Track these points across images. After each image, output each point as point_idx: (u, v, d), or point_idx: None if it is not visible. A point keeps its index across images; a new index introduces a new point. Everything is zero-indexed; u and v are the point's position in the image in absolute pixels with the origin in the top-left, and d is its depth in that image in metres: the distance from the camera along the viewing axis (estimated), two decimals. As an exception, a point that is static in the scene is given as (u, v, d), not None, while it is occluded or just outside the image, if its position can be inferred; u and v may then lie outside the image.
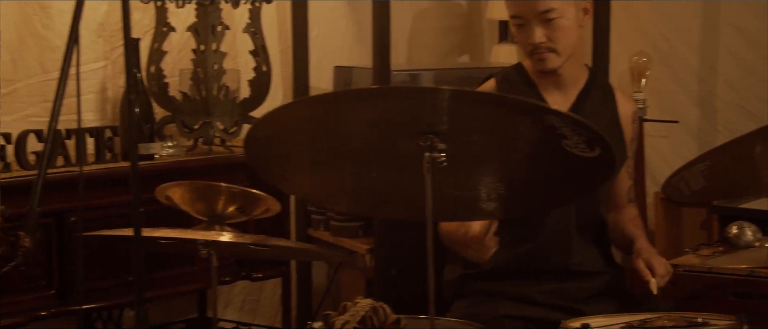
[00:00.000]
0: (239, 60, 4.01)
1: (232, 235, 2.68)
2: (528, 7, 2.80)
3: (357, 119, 2.34)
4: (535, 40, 2.82)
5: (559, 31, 2.82)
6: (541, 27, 2.81)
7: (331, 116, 2.35)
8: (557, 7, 2.80)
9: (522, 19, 2.83)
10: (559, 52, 2.84)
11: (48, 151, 2.05)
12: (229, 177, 3.49)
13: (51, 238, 3.22)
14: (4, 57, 3.48)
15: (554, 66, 2.87)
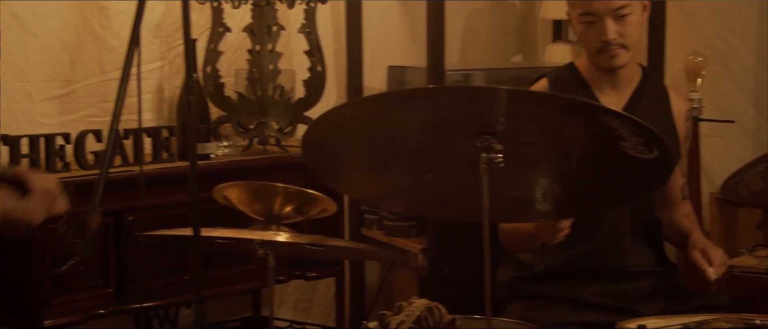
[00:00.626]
0: (294, 60, 4.03)
1: (289, 235, 2.70)
2: (603, 3, 2.80)
3: (413, 119, 2.34)
4: (609, 36, 2.81)
5: (630, 27, 2.83)
6: (614, 23, 2.81)
7: (387, 116, 2.35)
8: (630, 3, 2.81)
9: (594, 16, 2.82)
10: (628, 48, 2.85)
11: (109, 151, 2.07)
12: (283, 177, 3.51)
13: (109, 237, 3.24)
14: (63, 57, 3.52)
15: (624, 62, 2.87)
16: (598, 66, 2.91)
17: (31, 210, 1.99)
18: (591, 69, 2.95)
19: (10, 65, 3.40)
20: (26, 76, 3.44)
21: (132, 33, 2.08)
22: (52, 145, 3.22)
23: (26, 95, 3.44)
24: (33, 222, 2.01)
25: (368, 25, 4.23)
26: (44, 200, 2.00)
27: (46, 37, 3.47)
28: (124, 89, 2.03)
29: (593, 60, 2.91)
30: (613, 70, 2.89)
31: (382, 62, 4.32)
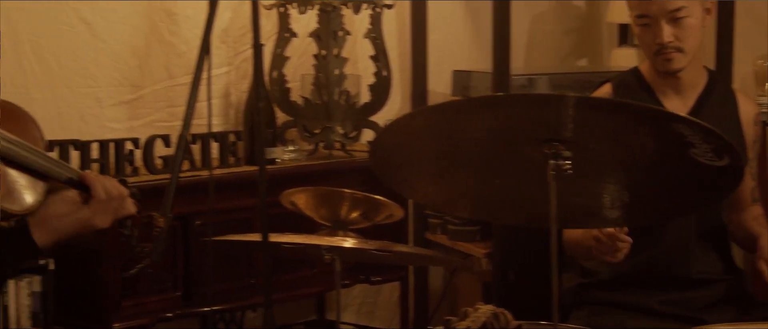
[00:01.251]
0: (359, 65, 4.04)
1: (356, 241, 2.70)
2: (658, 5, 2.77)
3: (480, 126, 2.34)
4: (664, 39, 2.78)
5: (687, 30, 2.79)
6: (669, 26, 2.78)
7: (454, 124, 2.35)
8: (687, 6, 2.77)
9: (649, 19, 2.80)
10: (685, 52, 2.81)
11: (180, 157, 2.09)
12: (348, 182, 3.53)
13: (177, 241, 3.28)
14: (131, 63, 3.56)
15: (680, 66, 2.84)
16: (657, 70, 2.89)
17: (96, 213, 2.01)
18: (654, 73, 2.92)
19: (81, 70, 3.45)
20: (96, 81, 3.49)
21: (203, 41, 2.10)
22: (121, 150, 3.27)
23: (96, 100, 3.50)
24: (98, 226, 2.03)
25: (433, 29, 4.23)
26: (109, 203, 2.02)
27: (115, 43, 3.52)
28: (195, 96, 2.05)
29: (652, 63, 2.89)
30: (670, 73, 2.86)
31: (447, 66, 4.32)
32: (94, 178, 2.00)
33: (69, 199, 2.01)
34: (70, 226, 2.00)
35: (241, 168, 3.49)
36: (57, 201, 2.01)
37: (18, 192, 1.91)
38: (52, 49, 3.39)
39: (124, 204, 2.05)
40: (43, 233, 1.98)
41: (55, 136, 3.22)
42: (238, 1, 3.73)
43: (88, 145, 3.20)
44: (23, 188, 1.92)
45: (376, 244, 2.77)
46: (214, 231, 3.05)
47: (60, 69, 3.41)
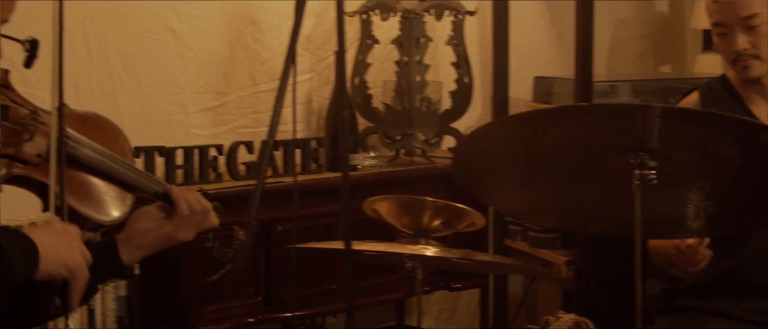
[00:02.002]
0: (441, 71, 4.05)
1: (438, 250, 2.71)
2: (731, 13, 2.75)
3: (563, 135, 2.33)
4: (739, 47, 2.76)
5: (762, 37, 2.76)
6: (744, 34, 2.75)
7: (538, 133, 2.35)
8: (761, 13, 2.74)
9: (724, 27, 2.77)
10: (762, 59, 2.78)
11: (265, 164, 2.11)
12: (429, 188, 3.53)
13: (258, 247, 3.31)
14: (216, 70, 3.60)
15: (759, 73, 2.80)
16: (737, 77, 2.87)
17: (179, 228, 2.04)
18: (740, 81, 2.89)
19: (167, 78, 3.50)
20: (182, 88, 3.54)
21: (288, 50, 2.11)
22: (205, 157, 3.30)
23: (181, 107, 3.54)
24: (181, 239, 2.06)
25: (515, 35, 4.21)
26: (192, 218, 2.04)
27: (201, 51, 3.57)
28: (280, 105, 2.06)
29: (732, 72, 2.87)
30: (750, 81, 2.83)
31: (529, 72, 4.30)
32: (178, 194, 2.03)
33: (154, 213, 2.04)
34: (154, 242, 2.03)
35: (323, 175, 3.51)
36: (142, 214, 2.04)
37: (106, 204, 1.94)
38: (140, 57, 3.44)
39: (207, 217, 2.07)
40: (129, 252, 2.01)
41: (141, 142, 3.27)
42: (321, 8, 3.76)
43: (173, 151, 3.25)
44: (112, 199, 1.95)
45: (458, 253, 2.77)
46: (295, 238, 3.08)
47: (147, 76, 3.46)
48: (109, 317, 3.16)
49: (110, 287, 3.12)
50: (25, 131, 1.80)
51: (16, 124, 1.80)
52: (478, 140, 2.46)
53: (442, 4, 3.75)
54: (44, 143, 1.84)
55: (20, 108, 1.84)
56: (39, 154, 1.82)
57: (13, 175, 1.79)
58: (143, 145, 3.21)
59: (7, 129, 1.79)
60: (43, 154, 1.83)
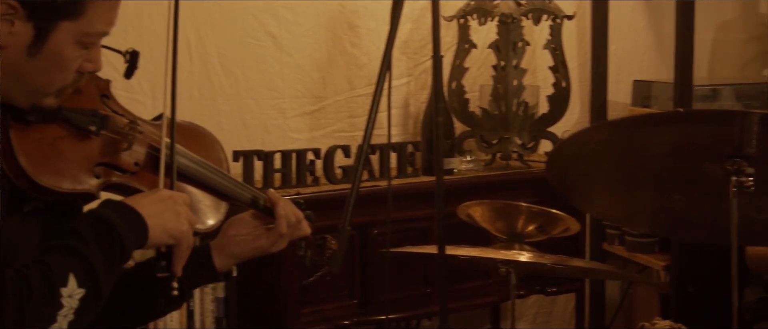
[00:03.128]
0: (538, 75, 4.04)
1: (532, 256, 2.70)
2: None
3: (660, 142, 2.32)
4: None
5: None
6: None
7: (634, 139, 2.35)
8: None
9: None
10: None
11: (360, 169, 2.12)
12: (525, 193, 3.53)
13: (354, 250, 3.34)
14: (314, 75, 3.64)
15: None
16: None
17: (272, 237, 2.07)
18: None
19: (266, 83, 3.55)
20: (280, 92, 3.59)
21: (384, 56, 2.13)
22: (303, 160, 3.33)
23: (280, 112, 3.59)
24: (274, 249, 2.09)
25: (614, 38, 4.18)
26: (288, 229, 2.07)
27: (300, 56, 3.61)
28: (376, 109, 2.08)
29: None
30: None
31: (628, 76, 4.27)
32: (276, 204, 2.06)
33: (248, 221, 2.08)
34: (247, 250, 2.07)
35: (419, 179, 3.53)
36: (237, 222, 2.08)
37: (202, 212, 1.97)
38: (239, 62, 3.49)
39: (300, 226, 2.10)
40: (222, 258, 2.06)
41: (240, 146, 3.32)
42: (419, 12, 3.77)
43: (271, 155, 3.28)
44: (207, 208, 1.99)
45: (552, 259, 2.76)
46: (391, 241, 3.09)
47: (246, 81, 3.52)
48: (207, 318, 3.21)
49: (209, 288, 3.18)
50: (123, 140, 1.85)
51: (115, 134, 1.85)
52: (573, 146, 2.46)
53: (540, 8, 3.74)
54: (142, 152, 1.88)
55: (120, 118, 1.89)
56: (136, 163, 1.87)
57: (112, 183, 1.84)
58: (242, 149, 3.25)
59: (107, 138, 1.84)
60: (140, 163, 1.87)
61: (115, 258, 1.69)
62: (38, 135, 1.76)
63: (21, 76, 1.70)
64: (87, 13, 1.69)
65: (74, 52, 1.72)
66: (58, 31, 1.68)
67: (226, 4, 3.44)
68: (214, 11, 3.42)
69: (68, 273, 1.62)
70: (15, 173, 1.71)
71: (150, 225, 1.75)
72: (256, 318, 3.31)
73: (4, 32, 1.65)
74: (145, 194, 1.81)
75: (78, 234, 1.67)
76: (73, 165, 1.78)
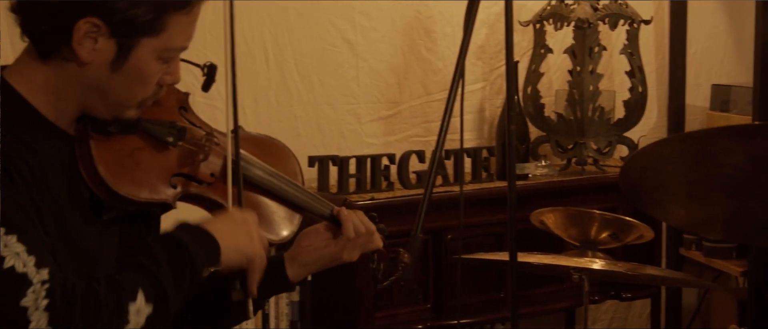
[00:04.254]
0: (615, 80, 4.02)
1: (604, 263, 2.71)
2: None
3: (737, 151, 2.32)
4: None
5: None
6: None
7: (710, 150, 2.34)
8: None
9: None
10: None
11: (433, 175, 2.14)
12: (600, 198, 3.53)
13: (428, 255, 3.36)
14: (390, 80, 3.67)
15: None
16: None
17: (344, 249, 2.10)
18: None
19: (343, 88, 3.59)
20: (356, 98, 3.62)
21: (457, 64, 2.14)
22: (377, 165, 3.36)
23: (355, 117, 3.62)
24: (345, 260, 2.11)
25: (692, 42, 4.15)
26: (357, 240, 2.10)
27: (375, 61, 3.64)
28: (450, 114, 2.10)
29: None
30: None
31: (706, 80, 4.23)
32: (346, 216, 2.08)
33: (321, 232, 2.11)
34: (319, 261, 2.10)
35: (493, 184, 3.54)
36: (310, 233, 2.11)
37: (276, 224, 2.01)
38: (316, 68, 3.53)
39: (372, 239, 2.12)
40: (295, 269, 2.09)
41: (315, 151, 3.37)
42: (495, 18, 3.78)
43: (347, 160, 3.32)
44: (281, 219, 2.02)
45: (626, 266, 2.76)
46: (464, 246, 3.11)
47: (322, 87, 3.55)
48: (282, 321, 3.26)
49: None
50: (200, 152, 1.89)
51: (192, 145, 1.89)
52: (646, 156, 2.45)
53: (617, 12, 3.73)
54: (218, 163, 1.92)
55: (197, 129, 1.93)
56: (213, 174, 1.91)
57: (189, 193, 1.88)
58: (317, 155, 3.29)
59: (185, 149, 1.88)
60: (216, 174, 1.91)
61: (185, 277, 1.73)
62: (118, 145, 1.81)
63: (104, 90, 1.75)
64: (167, 30, 1.74)
65: (155, 66, 1.76)
66: (140, 47, 1.73)
67: (304, 11, 3.48)
68: (291, 19, 3.46)
69: (138, 290, 1.66)
70: (94, 182, 1.76)
71: (222, 247, 1.79)
72: (330, 322, 3.34)
73: (87, 49, 1.70)
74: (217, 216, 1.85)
75: (151, 254, 1.72)
76: (150, 175, 1.82)
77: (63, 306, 1.58)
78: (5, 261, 1.57)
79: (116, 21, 1.69)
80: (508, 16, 2.16)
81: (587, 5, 3.70)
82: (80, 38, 1.69)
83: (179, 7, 1.74)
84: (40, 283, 1.57)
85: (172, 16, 1.74)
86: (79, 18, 1.68)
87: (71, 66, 1.72)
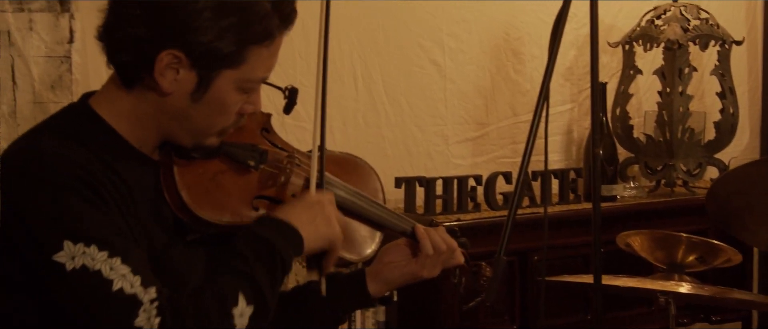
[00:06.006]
0: (705, 101, 3.99)
1: (691, 287, 2.69)
2: None
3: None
4: None
5: None
6: None
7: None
8: None
9: None
10: None
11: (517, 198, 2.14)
12: (689, 220, 3.50)
13: (514, 276, 3.36)
14: (478, 101, 3.69)
15: None
16: None
17: (424, 266, 2.11)
18: None
19: (430, 110, 3.61)
20: (443, 119, 3.64)
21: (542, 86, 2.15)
22: (464, 187, 3.37)
23: (443, 138, 3.64)
24: (426, 276, 2.12)
25: (787, 62, 4.11)
26: (438, 257, 2.11)
27: (463, 83, 3.66)
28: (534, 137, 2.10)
29: None
30: None
31: (801, 101, 4.18)
32: (423, 234, 2.09)
33: (402, 248, 2.13)
34: (400, 278, 2.12)
35: (580, 206, 3.53)
36: (391, 249, 2.13)
37: (358, 243, 2.03)
38: (404, 90, 3.56)
39: (453, 255, 2.13)
40: (377, 284, 2.11)
41: (403, 172, 3.40)
42: (583, 39, 3.78)
43: (433, 181, 3.33)
44: (363, 238, 2.04)
45: (713, 290, 2.74)
46: (551, 268, 3.10)
47: (410, 109, 3.57)
48: (368, 341, 3.29)
49: (370, 312, 3.24)
50: (281, 174, 1.91)
51: (274, 168, 1.92)
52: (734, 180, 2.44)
53: (708, 33, 3.70)
54: (299, 184, 1.93)
55: (278, 151, 1.96)
56: (294, 195, 1.92)
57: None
58: (404, 176, 3.32)
59: (266, 172, 1.90)
60: (297, 194, 1.92)
61: (277, 273, 1.76)
62: (200, 170, 1.83)
63: (185, 119, 1.78)
64: (248, 62, 1.76)
65: (235, 97, 1.78)
66: (220, 79, 1.75)
67: (393, 33, 3.52)
68: (380, 41, 3.50)
69: (238, 293, 1.70)
70: (177, 206, 1.79)
71: (304, 236, 1.81)
72: (416, 341, 3.37)
73: (169, 79, 1.73)
74: (293, 203, 1.86)
75: (241, 256, 1.74)
76: (233, 198, 1.85)
77: (174, 321, 1.63)
78: (113, 283, 1.61)
79: (197, 53, 1.72)
80: (594, 38, 2.17)
81: (677, 26, 3.68)
82: (162, 69, 1.71)
83: (260, 39, 1.75)
84: (150, 302, 1.62)
85: (254, 49, 1.75)
86: (162, 49, 1.71)
87: (153, 95, 1.75)
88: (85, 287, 1.61)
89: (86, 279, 1.61)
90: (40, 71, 2.79)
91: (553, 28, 2.13)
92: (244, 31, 1.73)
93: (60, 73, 2.81)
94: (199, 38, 1.71)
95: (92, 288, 1.61)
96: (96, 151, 1.70)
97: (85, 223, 1.63)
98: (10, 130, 2.73)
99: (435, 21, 3.58)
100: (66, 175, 1.64)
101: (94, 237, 1.62)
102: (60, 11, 2.79)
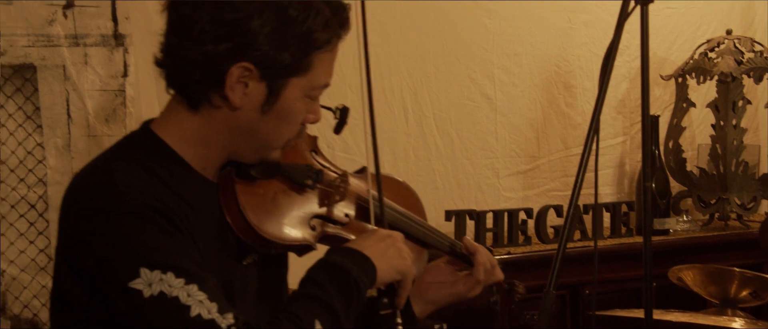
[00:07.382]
0: (760, 134, 3.96)
1: (745, 322, 2.66)
2: None
3: None
4: None
5: None
6: None
7: None
8: None
9: None
10: None
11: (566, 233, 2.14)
12: (743, 254, 3.47)
13: (566, 310, 3.35)
14: (529, 134, 3.68)
15: None
16: None
17: (468, 283, 2.13)
18: None
19: (481, 143, 3.61)
20: (494, 152, 3.64)
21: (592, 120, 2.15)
22: (514, 220, 3.36)
23: (493, 171, 3.64)
24: (470, 295, 2.14)
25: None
26: (483, 275, 2.12)
27: (514, 116, 3.66)
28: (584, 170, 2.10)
29: None
30: None
31: None
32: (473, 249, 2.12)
33: (444, 268, 2.15)
34: (445, 296, 2.13)
35: (632, 239, 3.51)
36: (434, 268, 2.15)
37: None
38: (454, 123, 3.56)
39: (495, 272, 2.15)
40: (421, 304, 2.12)
41: (453, 205, 3.40)
42: (635, 72, 3.77)
43: (484, 214, 3.32)
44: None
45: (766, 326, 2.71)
46: (602, 302, 3.07)
47: (461, 142, 3.58)
48: (417, 371, 3.28)
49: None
50: (336, 193, 1.94)
51: (328, 187, 1.95)
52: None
53: (762, 66, 3.68)
54: (351, 204, 1.97)
55: (331, 172, 1.99)
56: (346, 214, 1.96)
57: (326, 234, 1.93)
58: (455, 209, 3.32)
59: (322, 191, 1.94)
60: (349, 214, 1.97)
61: (352, 301, 1.77)
62: (261, 190, 1.85)
63: (253, 132, 1.79)
64: (314, 68, 1.78)
65: (301, 105, 1.80)
66: (289, 88, 1.77)
67: (443, 66, 3.53)
68: (431, 74, 3.51)
69: (314, 320, 1.71)
70: (240, 227, 1.81)
71: (377, 267, 1.82)
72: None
73: (239, 94, 1.74)
74: (365, 236, 1.87)
75: (318, 283, 1.75)
76: (292, 218, 1.87)
77: None
78: (191, 309, 1.62)
79: (267, 64, 1.73)
80: (645, 71, 2.17)
81: (731, 59, 3.66)
82: (232, 84, 1.73)
83: (323, 44, 1.77)
84: (228, 328, 1.64)
85: (317, 54, 1.77)
86: (232, 64, 1.72)
87: (221, 112, 1.76)
88: (164, 313, 1.63)
89: (164, 305, 1.62)
90: (94, 105, 2.82)
91: (603, 60, 2.13)
92: (309, 38, 1.75)
93: (114, 107, 2.85)
94: (266, 49, 1.72)
95: (171, 315, 1.63)
96: (163, 179, 1.72)
97: (162, 251, 1.65)
98: (64, 162, 2.76)
99: (486, 54, 3.59)
100: (139, 204, 1.66)
101: (171, 264, 1.64)
102: (114, 45, 2.83)
